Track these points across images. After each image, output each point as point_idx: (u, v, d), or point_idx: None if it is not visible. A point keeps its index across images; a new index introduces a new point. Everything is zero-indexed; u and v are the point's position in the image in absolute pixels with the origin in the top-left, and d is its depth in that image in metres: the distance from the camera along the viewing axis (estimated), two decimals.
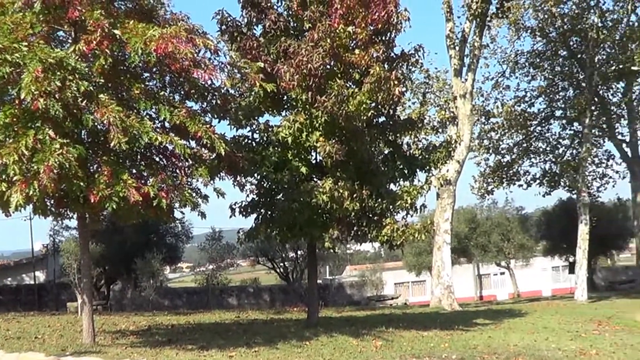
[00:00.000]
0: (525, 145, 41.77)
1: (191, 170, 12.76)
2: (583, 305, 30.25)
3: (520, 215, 55.37)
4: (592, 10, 35.31)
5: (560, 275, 67.05)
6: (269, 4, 16.13)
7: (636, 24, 34.53)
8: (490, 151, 40.80)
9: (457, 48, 30.38)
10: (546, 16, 37.58)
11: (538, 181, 41.89)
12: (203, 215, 13.12)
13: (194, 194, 12.67)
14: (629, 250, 60.83)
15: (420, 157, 17.32)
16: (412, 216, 16.75)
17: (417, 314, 24.47)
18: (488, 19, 31.44)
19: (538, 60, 40.56)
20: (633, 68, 33.54)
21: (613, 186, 45.47)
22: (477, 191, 41.61)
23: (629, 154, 42.96)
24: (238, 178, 14.83)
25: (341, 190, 14.66)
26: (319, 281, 55.85)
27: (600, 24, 35.39)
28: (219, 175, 13.63)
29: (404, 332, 16.64)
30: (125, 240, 36.33)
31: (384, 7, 15.14)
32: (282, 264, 42.87)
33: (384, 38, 16.02)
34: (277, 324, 19.29)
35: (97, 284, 38.37)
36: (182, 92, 13.17)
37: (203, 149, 12.72)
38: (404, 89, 16.73)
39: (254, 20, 16.24)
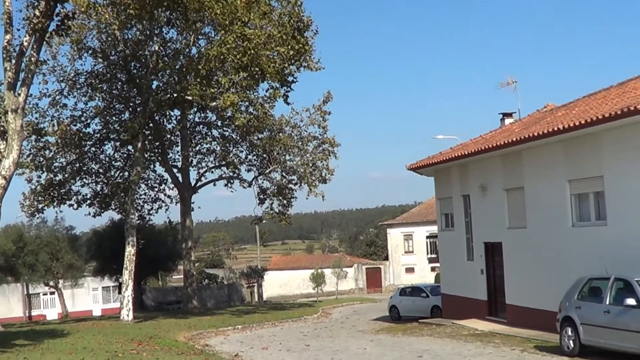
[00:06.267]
0: (78, 165, 41.72)
1: None
2: (128, 326, 30.93)
3: (71, 235, 55.25)
4: (154, 39, 36.79)
5: (112, 295, 68.33)
6: None
7: (196, 55, 36.55)
8: (43, 169, 39.93)
9: (13, 61, 29.31)
10: (110, 39, 38.16)
11: (89, 201, 42.21)
12: None
13: None
14: (179, 272, 64.03)
15: None
16: None
17: None
18: (48, 35, 30.83)
19: (97, 81, 40.86)
20: (188, 98, 35.49)
21: (166, 210, 47.45)
22: (27, 209, 40.40)
23: (180, 179, 45.41)
24: None
25: None
26: None
27: (162, 53, 36.93)
28: None
29: None
30: None
31: None
32: None
33: None
34: None
35: None
36: None
37: None
38: None
39: None
